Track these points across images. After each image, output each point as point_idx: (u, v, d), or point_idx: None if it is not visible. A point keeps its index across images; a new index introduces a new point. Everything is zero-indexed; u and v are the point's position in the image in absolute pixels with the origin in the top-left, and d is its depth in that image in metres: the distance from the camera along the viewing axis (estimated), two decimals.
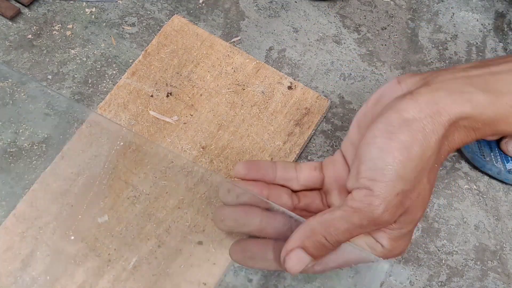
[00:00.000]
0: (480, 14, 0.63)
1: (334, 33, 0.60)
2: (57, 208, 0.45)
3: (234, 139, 0.51)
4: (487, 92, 0.38)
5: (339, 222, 0.37)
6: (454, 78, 0.39)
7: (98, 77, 0.54)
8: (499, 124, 0.38)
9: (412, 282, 0.48)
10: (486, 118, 0.38)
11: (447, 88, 0.38)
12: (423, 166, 0.37)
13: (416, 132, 0.36)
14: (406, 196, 0.37)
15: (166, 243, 0.44)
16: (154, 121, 0.51)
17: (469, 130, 0.38)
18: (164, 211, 0.46)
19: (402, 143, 0.36)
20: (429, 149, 0.36)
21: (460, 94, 0.37)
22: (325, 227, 0.37)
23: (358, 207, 0.37)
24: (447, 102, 0.37)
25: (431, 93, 0.37)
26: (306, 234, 0.38)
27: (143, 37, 0.57)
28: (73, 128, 0.49)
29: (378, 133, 0.37)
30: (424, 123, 0.36)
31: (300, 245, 0.38)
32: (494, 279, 0.49)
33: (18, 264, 0.43)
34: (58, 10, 0.57)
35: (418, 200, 0.38)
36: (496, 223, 0.51)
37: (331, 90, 0.57)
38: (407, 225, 0.39)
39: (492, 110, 0.38)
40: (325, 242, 0.37)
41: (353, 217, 0.37)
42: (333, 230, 0.37)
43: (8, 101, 0.50)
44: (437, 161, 0.38)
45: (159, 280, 0.43)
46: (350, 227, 0.37)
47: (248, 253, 0.41)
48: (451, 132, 0.38)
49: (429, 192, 0.38)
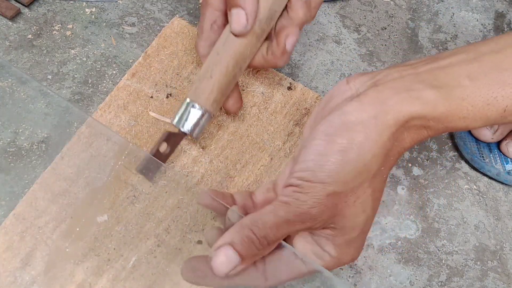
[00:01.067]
0: (480, 14, 0.63)
1: (334, 33, 0.60)
2: (56, 208, 0.45)
3: (234, 139, 0.51)
4: (437, 87, 0.36)
5: (267, 215, 0.36)
6: (401, 76, 0.37)
7: (98, 77, 0.54)
8: (452, 120, 0.37)
9: (412, 282, 0.48)
10: (438, 115, 0.36)
11: (394, 87, 0.36)
12: (363, 169, 0.36)
13: (355, 134, 0.35)
14: (339, 198, 0.36)
15: (166, 242, 0.44)
16: (154, 122, 0.51)
17: (419, 129, 0.37)
18: (164, 210, 0.46)
19: (339, 145, 0.35)
20: (369, 152, 0.35)
21: (407, 92, 0.36)
22: (253, 221, 0.36)
23: (286, 201, 0.36)
24: (394, 101, 0.36)
25: (378, 93, 0.36)
26: (236, 229, 0.37)
27: (143, 37, 0.57)
28: (73, 128, 0.49)
29: (317, 135, 0.37)
30: (366, 125, 0.35)
31: (228, 241, 0.36)
32: (494, 279, 0.48)
33: (18, 264, 0.43)
34: (58, 10, 0.57)
35: (357, 204, 0.37)
36: (496, 223, 0.51)
37: None
38: (349, 231, 0.37)
39: (443, 105, 0.36)
40: (252, 237, 0.36)
41: (280, 210, 0.36)
42: (260, 224, 0.36)
43: (8, 101, 0.50)
44: (384, 164, 0.37)
45: (158, 279, 0.43)
46: (277, 220, 0.36)
47: (199, 272, 0.40)
48: (400, 133, 0.37)
49: (371, 196, 0.37)
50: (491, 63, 0.37)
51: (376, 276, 0.47)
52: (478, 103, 0.37)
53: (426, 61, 0.39)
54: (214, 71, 0.46)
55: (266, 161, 0.50)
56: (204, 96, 0.46)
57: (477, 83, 0.37)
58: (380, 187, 0.38)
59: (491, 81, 0.37)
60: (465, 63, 0.38)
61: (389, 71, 0.38)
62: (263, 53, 0.49)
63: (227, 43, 0.46)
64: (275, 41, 0.47)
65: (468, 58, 0.38)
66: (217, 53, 0.46)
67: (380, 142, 0.36)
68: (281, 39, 0.47)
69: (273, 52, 0.48)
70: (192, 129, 0.46)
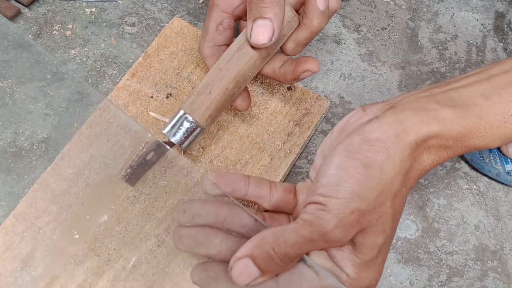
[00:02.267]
0: (480, 14, 0.63)
1: (334, 33, 0.60)
2: (57, 208, 0.45)
3: (234, 139, 0.51)
4: (453, 106, 0.37)
5: (289, 234, 0.36)
6: (417, 98, 0.38)
7: (98, 77, 0.54)
8: (470, 139, 0.37)
9: (412, 282, 0.48)
10: (456, 134, 0.37)
11: (412, 108, 0.37)
12: (385, 187, 0.36)
13: (377, 152, 0.35)
14: (363, 216, 0.35)
15: (166, 242, 0.44)
16: (154, 122, 0.51)
17: (439, 150, 0.37)
18: (164, 210, 0.46)
19: (360, 161, 0.35)
20: (392, 170, 0.35)
21: (425, 112, 0.37)
22: (275, 238, 0.36)
23: (309, 220, 0.35)
24: (413, 121, 0.36)
25: (396, 114, 0.37)
26: (257, 243, 0.36)
27: (143, 37, 0.57)
28: (73, 128, 0.49)
29: (338, 152, 0.36)
30: (388, 144, 0.36)
31: (249, 254, 0.36)
32: (494, 279, 0.48)
33: (18, 264, 0.43)
34: (58, 10, 0.57)
35: (379, 222, 0.36)
36: (496, 223, 0.51)
37: (331, 90, 0.57)
38: (368, 250, 0.37)
39: (461, 124, 0.37)
40: (272, 254, 0.35)
41: (303, 229, 0.35)
42: (282, 242, 0.35)
43: (8, 101, 0.50)
44: (404, 184, 0.37)
45: (158, 279, 0.43)
46: (300, 240, 0.35)
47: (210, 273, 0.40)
48: (420, 153, 0.37)
49: (392, 217, 0.37)
50: (503, 82, 0.38)
51: None
52: (495, 121, 0.37)
53: (440, 85, 0.40)
54: (214, 88, 0.45)
55: (266, 161, 0.50)
56: (200, 111, 0.45)
57: (492, 101, 0.37)
58: (399, 208, 0.38)
59: (505, 99, 0.37)
60: (478, 84, 0.38)
61: (404, 96, 0.39)
62: (275, 66, 0.48)
63: (232, 61, 0.45)
64: (293, 66, 0.47)
65: (480, 79, 0.39)
66: (219, 69, 0.46)
67: (401, 161, 0.36)
68: (299, 68, 0.46)
69: (285, 73, 0.47)
70: (182, 141, 0.46)
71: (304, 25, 0.46)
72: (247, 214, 0.40)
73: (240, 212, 0.40)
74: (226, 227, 0.41)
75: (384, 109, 0.38)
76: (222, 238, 0.40)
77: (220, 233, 0.40)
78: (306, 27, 0.46)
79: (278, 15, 0.43)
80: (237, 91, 0.47)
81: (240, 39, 0.46)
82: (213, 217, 0.40)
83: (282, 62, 0.48)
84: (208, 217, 0.41)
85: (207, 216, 0.41)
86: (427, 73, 0.59)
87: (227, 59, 0.46)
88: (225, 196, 0.41)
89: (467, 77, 0.40)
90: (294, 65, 0.47)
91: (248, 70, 0.46)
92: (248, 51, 0.45)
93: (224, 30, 0.48)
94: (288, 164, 0.50)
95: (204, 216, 0.41)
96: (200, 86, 0.46)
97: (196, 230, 0.41)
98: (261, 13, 0.43)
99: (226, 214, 0.40)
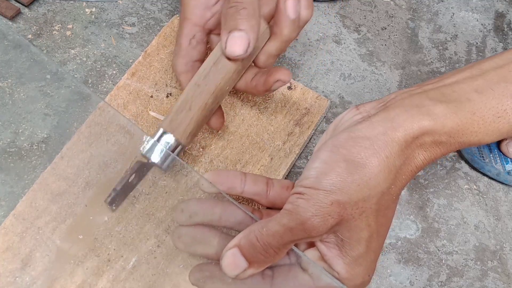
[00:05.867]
0: (480, 14, 0.63)
1: (334, 33, 0.60)
2: (56, 208, 0.45)
3: (234, 139, 0.51)
4: (445, 102, 0.37)
5: (272, 223, 0.36)
6: (410, 96, 0.38)
7: (98, 77, 0.54)
8: (463, 134, 0.37)
9: (412, 282, 0.48)
10: (449, 130, 0.37)
11: (404, 105, 0.37)
12: (368, 183, 0.36)
13: (362, 149, 0.36)
14: (344, 209, 0.36)
15: (166, 243, 0.44)
16: (154, 121, 0.51)
17: (433, 146, 0.37)
18: (164, 211, 0.46)
19: (343, 156, 0.36)
20: (376, 167, 0.35)
21: (417, 108, 0.37)
22: (260, 227, 0.36)
23: (289, 208, 0.36)
24: (403, 118, 0.36)
25: (387, 112, 0.37)
26: (244, 233, 0.37)
27: (143, 37, 0.57)
28: (72, 128, 0.49)
29: (325, 148, 0.37)
30: (374, 140, 0.36)
31: (237, 243, 0.37)
32: (494, 279, 0.48)
33: (18, 264, 0.43)
34: (58, 10, 0.57)
35: (362, 217, 0.36)
36: (496, 223, 0.51)
37: (331, 90, 0.57)
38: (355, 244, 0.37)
39: (454, 120, 0.37)
40: (255, 243, 0.36)
41: (283, 218, 0.36)
42: (265, 231, 0.36)
43: (8, 101, 0.50)
44: (394, 182, 0.37)
45: (158, 279, 0.43)
46: (280, 229, 0.36)
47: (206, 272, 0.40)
48: (412, 151, 0.37)
49: (375, 212, 0.37)
50: (496, 77, 0.38)
51: (376, 276, 0.47)
52: (489, 116, 0.37)
53: (433, 81, 0.40)
54: (193, 104, 0.44)
55: (266, 161, 0.50)
56: (181, 128, 0.44)
57: (485, 96, 0.37)
58: (387, 205, 0.37)
59: (498, 94, 0.37)
60: (471, 79, 0.38)
61: (397, 93, 0.39)
62: (247, 79, 0.47)
63: (209, 76, 0.44)
64: (264, 77, 0.46)
65: (472, 75, 0.39)
66: (197, 85, 0.44)
67: (388, 157, 0.36)
68: (271, 78, 0.45)
69: (257, 85, 0.47)
70: (162, 161, 0.44)
71: (275, 35, 0.46)
72: (242, 211, 0.41)
73: (235, 210, 0.41)
74: (222, 225, 0.41)
75: (377, 108, 0.38)
76: (220, 238, 0.40)
77: (218, 233, 0.41)
78: (276, 37, 0.46)
79: (254, 27, 0.43)
80: (215, 106, 0.46)
81: (215, 54, 0.45)
82: (209, 215, 0.41)
83: (253, 74, 0.47)
84: (205, 215, 0.41)
85: (203, 214, 0.41)
86: (427, 73, 0.59)
87: (204, 74, 0.45)
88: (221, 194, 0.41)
89: (459, 73, 0.39)
90: (266, 75, 0.46)
91: (225, 84, 0.45)
92: (225, 64, 0.44)
93: (198, 44, 0.48)
94: (288, 164, 0.50)
95: (201, 214, 0.41)
96: (179, 104, 0.44)
97: (194, 229, 0.41)
98: (236, 25, 0.42)
99: (221, 212, 0.41)
